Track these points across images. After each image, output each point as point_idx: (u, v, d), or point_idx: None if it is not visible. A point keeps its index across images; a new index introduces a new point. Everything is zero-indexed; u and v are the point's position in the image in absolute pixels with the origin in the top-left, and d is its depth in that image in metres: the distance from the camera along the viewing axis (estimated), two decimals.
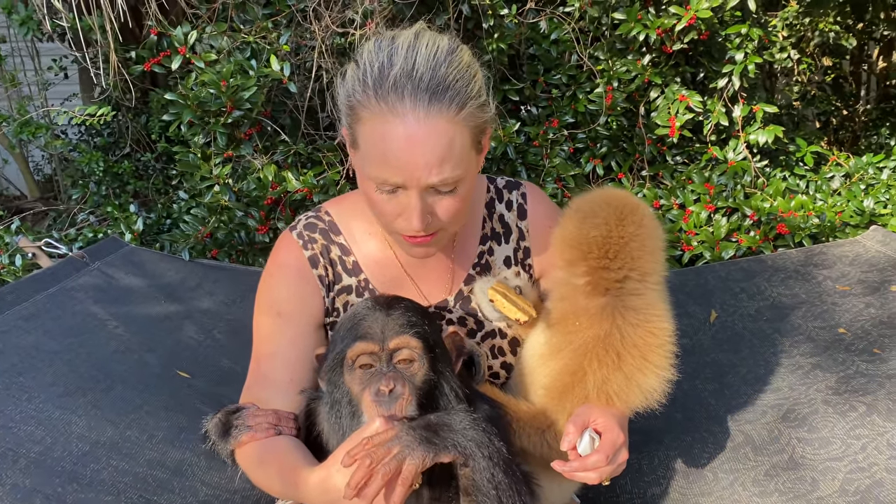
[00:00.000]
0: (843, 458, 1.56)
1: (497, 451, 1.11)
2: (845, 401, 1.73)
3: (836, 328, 2.10)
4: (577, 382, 1.36)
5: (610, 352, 1.34)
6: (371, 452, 1.03)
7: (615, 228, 1.33)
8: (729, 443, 1.73)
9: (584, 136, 3.67)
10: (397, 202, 1.26)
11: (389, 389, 1.15)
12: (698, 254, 3.21)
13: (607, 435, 1.27)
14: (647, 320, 1.37)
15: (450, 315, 1.48)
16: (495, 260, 1.51)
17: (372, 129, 1.21)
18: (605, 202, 1.37)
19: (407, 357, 1.19)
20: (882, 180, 3.66)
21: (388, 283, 1.47)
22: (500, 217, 1.53)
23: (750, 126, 3.55)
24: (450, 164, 1.22)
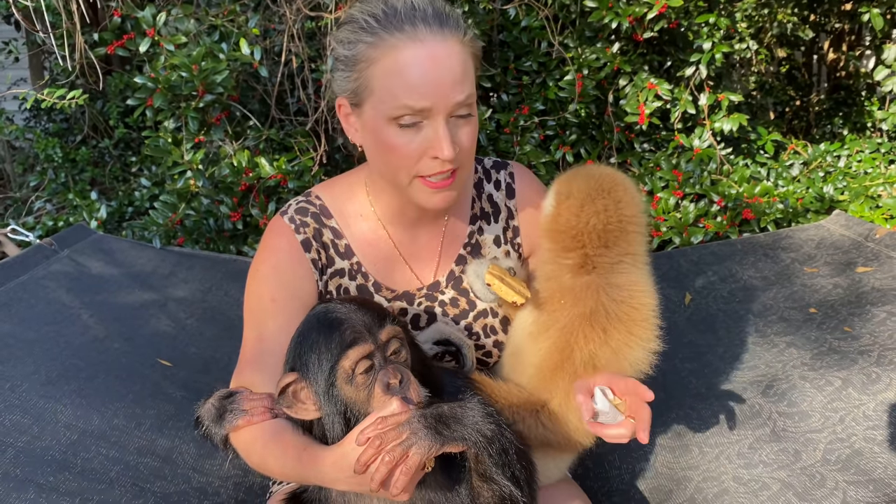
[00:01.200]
0: (823, 429, 1.63)
1: (509, 442, 1.11)
2: (821, 376, 1.80)
3: (806, 308, 2.18)
4: (566, 359, 1.38)
5: (596, 328, 1.36)
6: (382, 434, 1.03)
7: (614, 214, 1.35)
8: (712, 419, 1.79)
9: (553, 124, 3.71)
10: (422, 138, 1.27)
11: (399, 380, 1.14)
12: (667, 239, 3.28)
13: (630, 385, 1.27)
14: (632, 296, 1.40)
15: (441, 296, 1.49)
16: (485, 240, 1.53)
17: (391, 61, 1.24)
18: (600, 187, 1.37)
19: (396, 347, 1.19)
20: (839, 168, 3.80)
21: (381, 263, 1.47)
22: (489, 197, 1.54)
23: (715, 114, 3.64)
24: (468, 83, 1.28)
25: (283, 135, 3.21)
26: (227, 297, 2.62)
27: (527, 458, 1.17)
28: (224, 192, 2.94)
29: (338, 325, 1.18)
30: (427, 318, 1.48)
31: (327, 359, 1.16)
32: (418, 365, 1.25)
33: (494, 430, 1.09)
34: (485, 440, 1.08)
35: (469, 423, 1.08)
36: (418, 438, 1.02)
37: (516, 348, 1.49)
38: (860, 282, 2.25)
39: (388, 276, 1.48)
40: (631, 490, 1.68)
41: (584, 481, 1.75)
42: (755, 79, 5.60)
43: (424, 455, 1.02)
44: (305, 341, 1.21)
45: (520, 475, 1.12)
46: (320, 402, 1.19)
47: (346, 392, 1.17)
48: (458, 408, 1.09)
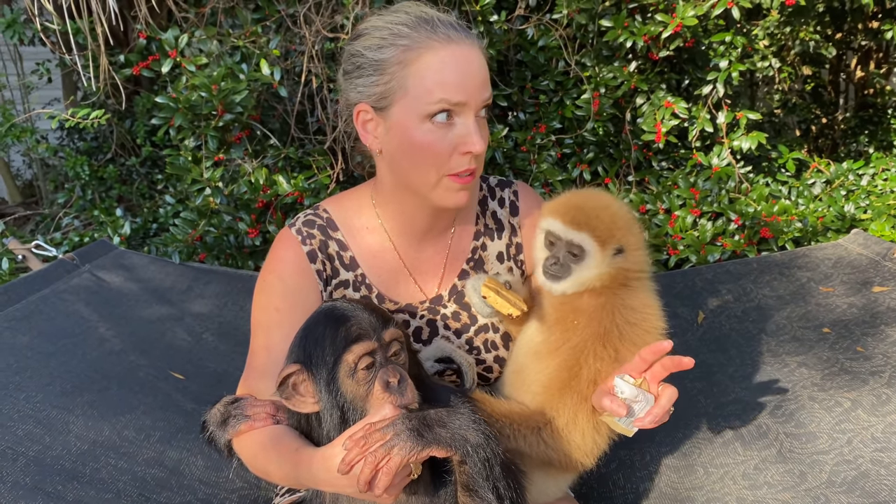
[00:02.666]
0: (830, 451, 1.60)
1: (494, 452, 1.12)
2: (830, 397, 1.77)
3: (820, 328, 2.15)
4: (573, 377, 1.39)
5: (608, 348, 1.38)
6: (367, 436, 1.05)
7: (633, 249, 1.39)
8: (718, 439, 1.77)
9: (571, 142, 3.72)
10: (454, 133, 1.34)
11: (397, 380, 1.17)
12: (684, 258, 3.26)
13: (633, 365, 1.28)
14: (644, 319, 1.41)
15: (444, 310, 1.51)
16: (489, 255, 1.55)
17: (430, 60, 1.32)
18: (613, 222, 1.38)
19: (397, 349, 1.23)
20: (861, 186, 3.75)
21: (385, 276, 1.50)
22: (493, 214, 1.57)
23: (734, 132, 3.62)
24: (488, 83, 1.37)
25: (301, 153, 3.27)
26: (242, 312, 2.66)
27: (516, 475, 1.16)
28: (242, 209, 2.99)
29: (344, 321, 1.22)
30: (429, 332, 1.50)
31: (332, 351, 1.20)
32: (415, 371, 1.28)
33: (479, 439, 1.10)
34: (469, 447, 1.09)
35: (454, 428, 1.10)
36: (401, 440, 1.05)
37: (520, 366, 1.50)
38: (876, 301, 2.21)
39: (391, 289, 1.50)
40: None
41: (587, 501, 1.74)
42: (779, 97, 5.55)
43: (406, 456, 1.04)
44: (311, 334, 1.25)
45: (504, 491, 1.13)
46: (320, 394, 1.22)
47: (346, 386, 1.20)
48: (445, 413, 1.11)
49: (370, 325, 1.21)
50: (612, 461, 1.82)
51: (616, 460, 1.83)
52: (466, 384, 1.45)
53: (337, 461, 1.07)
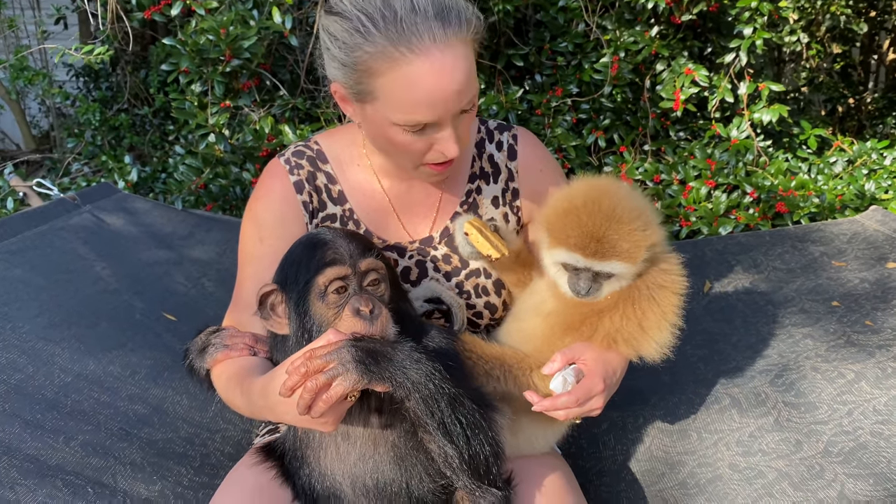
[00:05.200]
0: (829, 421, 1.55)
1: (438, 391, 1.08)
2: (834, 368, 1.72)
3: (829, 301, 2.09)
4: (586, 323, 1.34)
5: (637, 308, 1.33)
6: (307, 362, 1.02)
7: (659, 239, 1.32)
8: (715, 405, 1.72)
9: (587, 108, 3.64)
10: (427, 138, 1.27)
11: (370, 309, 1.14)
12: (696, 229, 3.19)
13: (586, 381, 1.26)
14: (674, 281, 1.36)
15: (434, 252, 1.46)
16: (483, 199, 1.49)
17: (396, 77, 1.19)
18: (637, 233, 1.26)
19: (375, 278, 1.20)
20: (885, 166, 3.64)
21: (373, 214, 1.46)
22: (490, 157, 1.51)
23: (755, 104, 3.52)
24: (473, 82, 1.24)
25: (310, 105, 3.21)
26: None
27: (471, 412, 1.12)
28: (248, 159, 2.95)
29: (321, 246, 1.21)
30: (418, 273, 1.45)
31: (305, 273, 1.19)
32: (399, 306, 1.24)
33: (420, 375, 1.07)
34: (409, 383, 1.05)
35: (398, 362, 1.06)
36: (345, 370, 1.02)
37: (526, 323, 1.44)
38: (889, 277, 2.14)
39: (380, 227, 1.46)
40: (623, 471, 1.63)
41: (576, 460, 1.71)
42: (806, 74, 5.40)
43: (348, 388, 1.02)
44: (289, 257, 1.26)
45: (453, 427, 1.09)
46: (290, 315, 1.21)
47: (315, 308, 1.18)
48: (391, 346, 1.08)
49: (347, 252, 1.19)
50: (603, 421, 1.78)
51: (608, 421, 1.78)
52: (456, 325, 1.41)
53: (274, 386, 1.06)
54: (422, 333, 1.27)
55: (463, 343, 1.32)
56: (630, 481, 1.59)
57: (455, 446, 1.10)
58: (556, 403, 1.24)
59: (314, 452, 1.25)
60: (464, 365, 1.25)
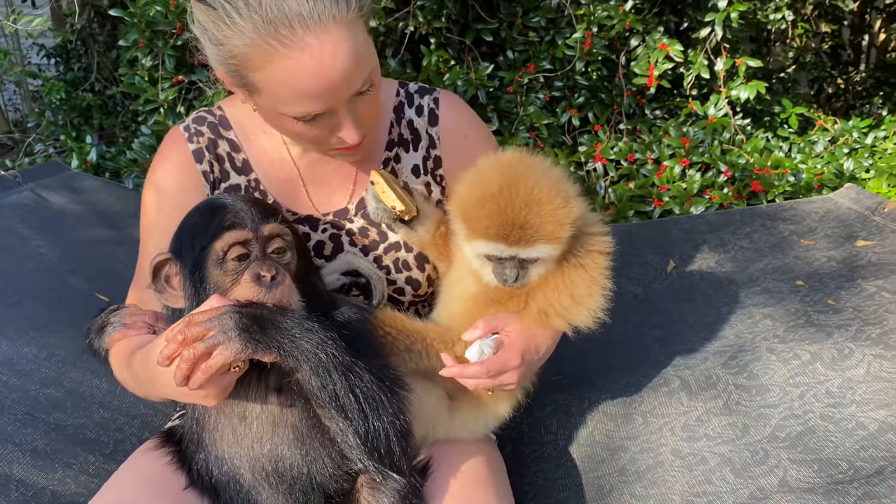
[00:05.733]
0: (779, 405, 1.46)
1: (331, 361, 1.00)
2: (790, 349, 1.63)
3: (794, 280, 2.00)
4: (513, 299, 1.25)
5: (565, 278, 1.24)
6: (185, 329, 0.93)
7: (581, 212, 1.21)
8: (664, 388, 1.63)
9: (561, 85, 3.53)
10: (323, 125, 1.17)
11: (271, 276, 1.05)
12: (669, 209, 3.09)
13: (503, 353, 1.17)
14: (599, 242, 1.28)
15: (350, 225, 1.36)
16: (402, 168, 1.39)
17: (274, 71, 1.07)
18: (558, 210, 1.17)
19: (280, 246, 1.11)
20: (866, 145, 3.54)
21: (282, 184, 1.35)
22: (409, 123, 1.40)
23: (732, 81, 3.41)
24: (363, 64, 1.12)
25: None
26: None
27: (375, 391, 1.03)
28: None
29: (220, 210, 1.12)
30: (332, 247, 1.35)
31: (201, 239, 1.10)
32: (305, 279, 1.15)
33: (310, 345, 0.98)
34: (298, 353, 0.97)
35: (287, 331, 0.97)
36: (227, 339, 0.94)
37: (453, 311, 1.35)
38: (857, 255, 2.05)
39: (290, 199, 1.36)
40: (563, 457, 1.54)
41: (517, 445, 1.62)
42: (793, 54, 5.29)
43: (229, 357, 0.93)
44: (186, 223, 1.16)
45: (346, 402, 1.00)
46: (185, 284, 1.12)
47: (213, 276, 1.09)
48: (279, 314, 0.99)
49: (248, 216, 1.10)
50: (547, 405, 1.69)
51: (552, 404, 1.69)
52: (375, 299, 1.31)
53: (153, 355, 0.97)
54: (332, 307, 1.18)
55: (380, 317, 1.23)
56: (568, 468, 1.50)
57: (350, 422, 1.01)
58: (465, 371, 1.16)
59: (210, 435, 1.16)
60: (372, 339, 1.16)
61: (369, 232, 1.36)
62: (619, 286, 2.24)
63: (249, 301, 1.03)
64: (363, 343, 1.11)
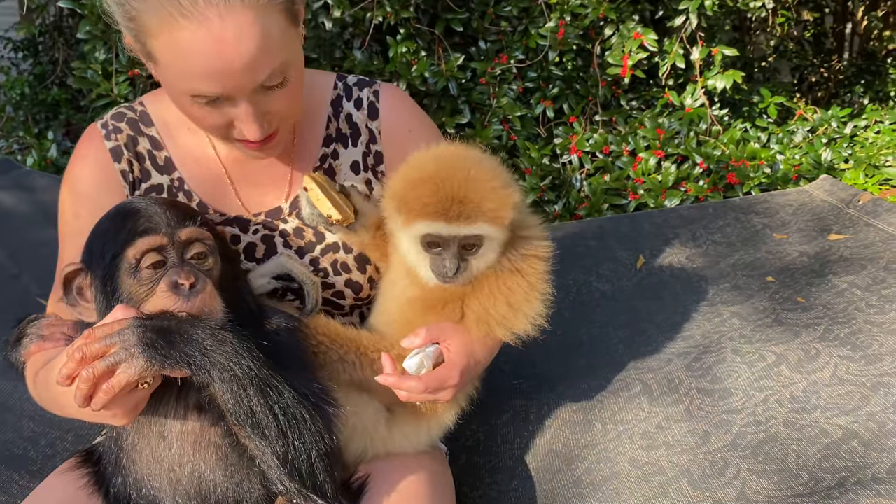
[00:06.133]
0: (742, 410, 1.39)
1: (246, 375, 0.92)
2: (756, 350, 1.56)
3: (764, 276, 1.93)
4: (448, 307, 1.17)
5: (500, 284, 1.16)
6: (84, 346, 0.85)
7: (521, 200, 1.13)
8: (625, 392, 1.56)
9: (535, 76, 3.45)
10: (222, 113, 1.07)
11: (190, 283, 0.97)
12: (644, 202, 3.03)
13: (443, 371, 1.09)
14: (537, 247, 1.19)
15: (283, 225, 1.28)
16: (340, 165, 1.31)
17: (169, 41, 0.98)
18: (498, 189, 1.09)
19: (201, 251, 1.03)
20: (845, 135, 3.48)
21: (208, 183, 1.27)
22: (348, 117, 1.32)
23: (709, 71, 3.34)
24: (272, 55, 1.02)
25: None
26: None
27: (297, 408, 0.95)
28: None
29: (133, 215, 1.04)
30: (265, 249, 1.27)
31: (112, 246, 1.02)
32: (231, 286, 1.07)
33: (227, 358, 0.90)
34: (212, 368, 0.89)
35: (199, 343, 0.89)
36: (130, 356, 0.86)
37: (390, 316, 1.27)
38: (829, 250, 1.98)
39: (217, 199, 1.27)
40: (518, 468, 1.47)
41: (472, 455, 1.55)
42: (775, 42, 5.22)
43: (133, 376, 0.86)
44: (97, 230, 1.08)
45: (265, 420, 0.92)
46: (96, 296, 1.04)
47: (126, 286, 1.01)
48: (189, 325, 0.91)
49: (163, 220, 1.02)
50: (505, 411, 1.62)
51: (511, 410, 1.62)
52: (308, 306, 1.23)
53: (55, 373, 0.89)
54: (260, 315, 1.10)
55: (312, 325, 1.15)
56: (523, 478, 1.43)
57: (267, 441, 0.94)
58: (402, 384, 1.08)
59: (128, 456, 1.08)
60: (301, 349, 1.08)
61: (305, 233, 1.27)
62: (587, 284, 2.21)
63: (159, 312, 0.96)
64: (290, 354, 1.03)
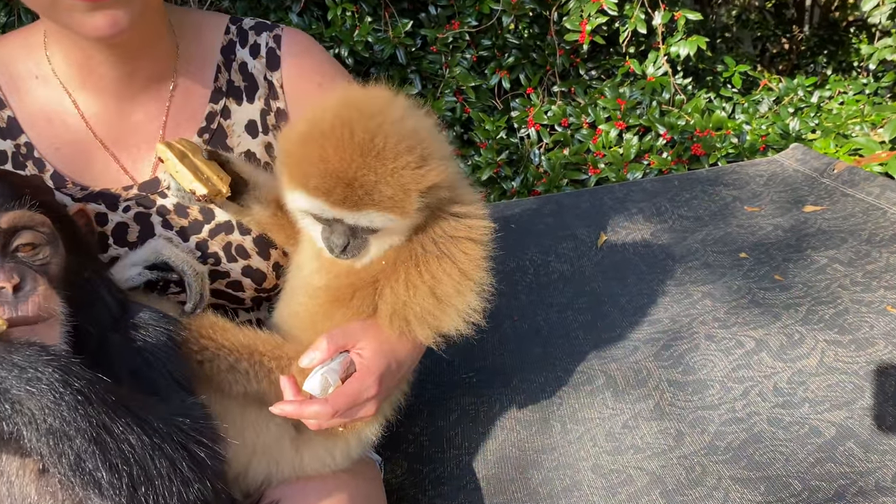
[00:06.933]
0: (720, 405, 1.22)
1: (70, 425, 0.70)
2: (732, 335, 1.39)
3: (737, 252, 1.77)
4: (357, 296, 0.96)
5: (423, 270, 0.94)
6: None
7: (444, 171, 0.89)
8: (586, 385, 1.38)
9: (489, 44, 3.23)
10: None
11: (14, 285, 0.74)
12: (605, 177, 2.85)
13: (354, 383, 0.89)
14: (471, 227, 0.97)
15: (162, 200, 1.05)
16: (233, 125, 1.08)
17: None
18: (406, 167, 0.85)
19: (30, 240, 0.79)
20: (812, 104, 3.34)
21: (65, 148, 1.03)
22: (243, 66, 1.09)
23: (672, 37, 3.16)
24: None
25: None
26: None
27: (157, 456, 0.73)
28: None
29: None
30: (139, 230, 1.04)
31: None
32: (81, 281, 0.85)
33: (42, 402, 0.68)
34: (18, 416, 0.67)
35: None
36: None
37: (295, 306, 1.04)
38: (805, 223, 1.83)
39: (77, 168, 1.03)
40: (466, 477, 1.27)
41: (413, 463, 1.35)
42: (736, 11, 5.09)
43: None
44: None
45: (104, 477, 0.71)
46: None
47: None
48: (5, 348, 0.69)
49: None
50: (452, 411, 1.43)
51: (458, 409, 1.43)
52: (190, 302, 1.00)
53: None
54: (122, 318, 0.88)
55: (195, 327, 0.93)
56: (471, 490, 1.24)
57: (105, 498, 0.72)
58: (304, 412, 0.87)
59: None
60: (173, 361, 0.86)
61: (189, 210, 1.05)
62: (545, 264, 2.01)
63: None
64: (158, 367, 0.82)
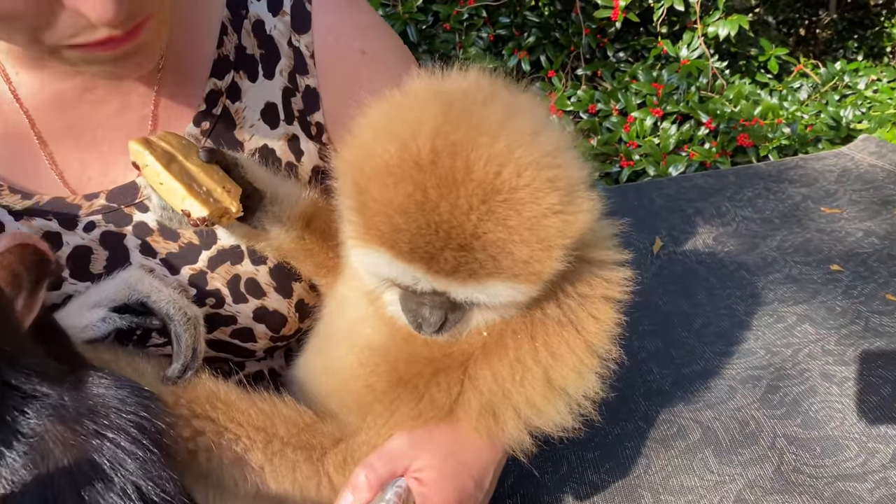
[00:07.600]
0: (865, 476, 0.94)
1: None
2: (857, 375, 1.12)
3: (826, 263, 1.50)
4: (447, 375, 0.66)
5: (539, 345, 0.65)
6: None
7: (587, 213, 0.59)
8: (679, 441, 1.10)
9: (507, 22, 2.95)
10: None
11: None
12: (640, 170, 2.57)
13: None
14: (608, 279, 0.67)
15: (141, 215, 0.75)
16: (245, 109, 0.78)
17: None
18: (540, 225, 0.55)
19: None
20: (860, 91, 3.07)
21: (6, 147, 0.73)
22: (258, 26, 0.78)
23: (709, 16, 2.88)
24: None
25: None
26: None
27: None
28: None
29: None
30: (107, 257, 0.74)
31: None
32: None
33: None
34: None
35: None
36: None
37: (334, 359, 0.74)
38: None
39: (15, 170, 0.73)
40: None
41: None
42: None
43: None
44: None
45: None
46: None
47: None
48: None
49: None
50: (508, 474, 1.14)
51: (515, 470, 1.14)
52: (177, 362, 0.69)
53: None
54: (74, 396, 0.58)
55: (187, 402, 0.64)
56: None
57: None
58: None
59: None
60: (147, 453, 0.57)
61: (180, 232, 0.75)
62: None
63: None
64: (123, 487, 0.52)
